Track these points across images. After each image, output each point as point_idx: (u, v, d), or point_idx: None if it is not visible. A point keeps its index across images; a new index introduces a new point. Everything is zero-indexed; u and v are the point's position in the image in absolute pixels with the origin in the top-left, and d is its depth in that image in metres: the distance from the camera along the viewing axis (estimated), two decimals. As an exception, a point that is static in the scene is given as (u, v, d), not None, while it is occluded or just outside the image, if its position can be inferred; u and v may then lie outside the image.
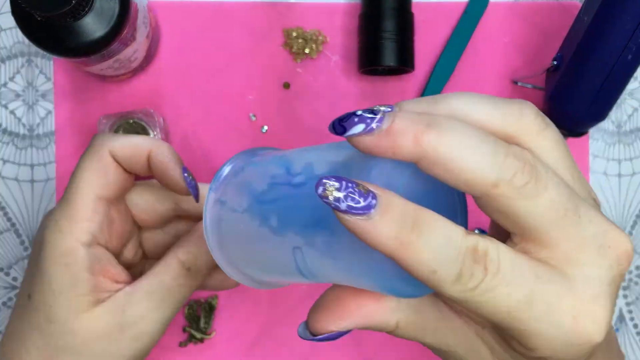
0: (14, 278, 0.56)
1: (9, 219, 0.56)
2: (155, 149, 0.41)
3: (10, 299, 0.56)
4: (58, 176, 0.55)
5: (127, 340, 0.40)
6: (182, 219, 0.46)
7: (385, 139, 0.25)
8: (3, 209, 0.56)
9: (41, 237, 0.40)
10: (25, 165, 0.56)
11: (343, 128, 0.26)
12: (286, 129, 0.56)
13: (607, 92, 0.50)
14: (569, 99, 0.51)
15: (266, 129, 0.56)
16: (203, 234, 0.41)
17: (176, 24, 0.56)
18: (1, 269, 0.56)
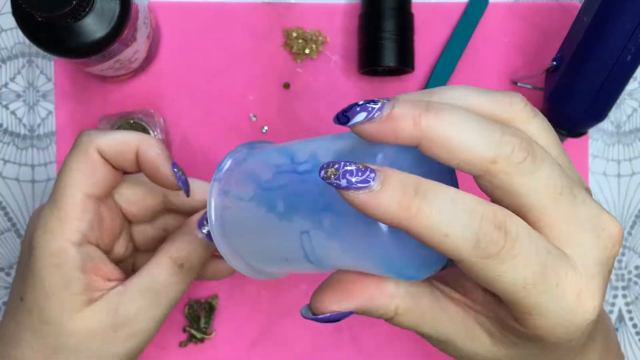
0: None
1: (10, 219, 0.56)
2: (143, 145, 0.40)
3: (10, 299, 0.56)
4: (58, 176, 0.56)
5: (121, 339, 0.40)
6: (172, 213, 0.46)
7: (386, 125, 0.26)
8: (4, 209, 0.56)
9: (30, 238, 0.40)
10: (25, 165, 0.56)
11: (346, 118, 0.27)
12: (286, 129, 0.56)
13: (607, 93, 0.50)
14: (569, 99, 0.51)
15: (266, 129, 0.56)
16: (194, 230, 0.41)
17: (176, 25, 0.56)
18: (1, 269, 0.56)
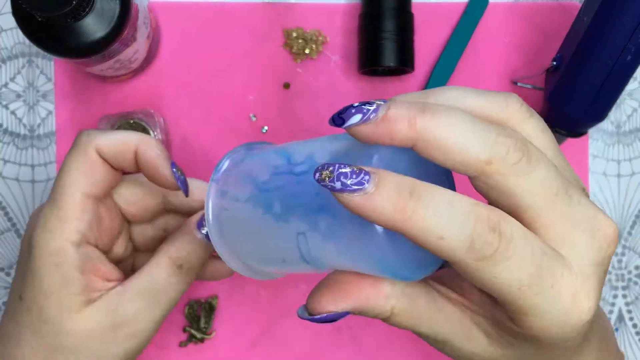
0: (15, 278, 0.56)
1: (10, 219, 0.56)
2: (142, 145, 0.40)
3: (10, 299, 0.56)
4: (58, 176, 0.56)
5: (120, 339, 0.40)
6: (172, 213, 0.46)
7: (381, 126, 0.26)
8: (4, 209, 0.56)
9: (30, 237, 0.40)
10: (26, 165, 0.56)
11: (342, 120, 0.27)
12: (286, 129, 0.56)
13: (607, 93, 0.50)
14: (569, 99, 0.51)
15: (266, 129, 0.56)
16: (193, 230, 0.41)
17: (177, 25, 0.56)
18: (1, 269, 0.56)
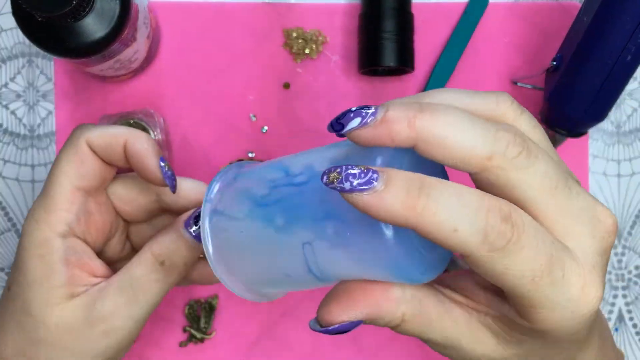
0: (15, 278, 0.56)
1: (10, 219, 0.56)
2: (131, 138, 0.40)
3: (10, 299, 0.56)
4: (58, 176, 0.55)
5: (97, 335, 0.39)
6: (169, 213, 0.45)
7: (381, 128, 0.26)
8: (4, 209, 0.56)
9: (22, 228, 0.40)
10: (26, 165, 0.56)
11: (341, 125, 0.27)
12: (286, 129, 0.56)
13: (607, 93, 0.50)
14: (569, 100, 0.51)
15: (266, 129, 0.56)
16: (180, 229, 0.40)
17: (177, 25, 0.56)
18: (2, 269, 0.56)
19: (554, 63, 0.53)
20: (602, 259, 0.28)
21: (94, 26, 0.44)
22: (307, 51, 0.56)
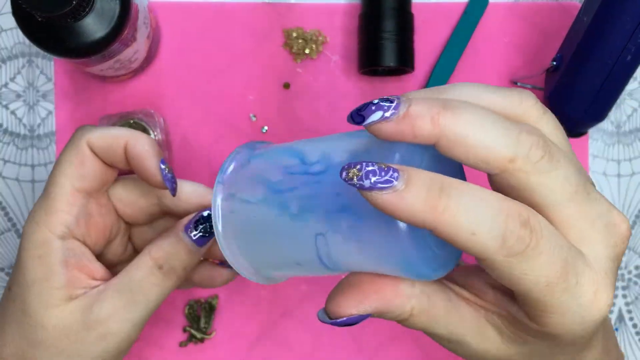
0: (15, 278, 0.56)
1: (10, 219, 0.56)
2: (132, 140, 0.39)
3: (11, 299, 0.56)
4: (59, 176, 0.55)
5: (93, 338, 0.39)
6: (170, 216, 0.45)
7: (403, 123, 0.26)
8: (4, 209, 0.56)
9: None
10: (26, 165, 0.56)
11: (362, 117, 0.27)
12: (286, 129, 0.56)
13: (607, 93, 0.50)
14: (569, 99, 0.51)
15: (266, 129, 0.56)
16: (180, 232, 0.40)
17: (177, 25, 0.56)
18: (2, 269, 0.56)
19: (554, 63, 0.53)
20: (614, 265, 0.28)
21: (94, 26, 0.44)
22: (307, 51, 0.56)
